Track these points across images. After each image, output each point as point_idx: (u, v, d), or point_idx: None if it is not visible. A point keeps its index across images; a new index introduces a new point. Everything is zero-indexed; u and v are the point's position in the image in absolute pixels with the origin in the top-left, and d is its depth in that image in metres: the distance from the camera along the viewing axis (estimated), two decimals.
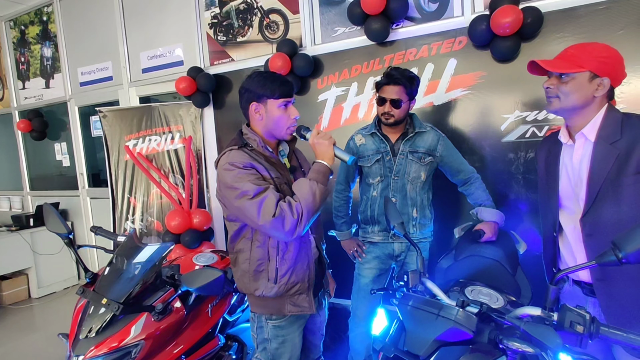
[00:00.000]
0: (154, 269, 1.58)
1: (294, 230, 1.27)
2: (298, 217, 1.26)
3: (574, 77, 1.22)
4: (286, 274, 1.41)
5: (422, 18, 2.38)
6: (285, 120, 1.40)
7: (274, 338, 1.50)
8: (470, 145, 2.31)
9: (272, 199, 1.26)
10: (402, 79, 1.81)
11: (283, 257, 1.40)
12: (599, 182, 1.21)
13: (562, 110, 1.27)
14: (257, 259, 1.41)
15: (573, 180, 1.31)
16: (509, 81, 2.17)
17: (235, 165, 1.31)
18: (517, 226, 2.12)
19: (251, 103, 1.40)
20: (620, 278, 1.21)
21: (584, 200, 1.26)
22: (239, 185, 1.28)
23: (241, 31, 3.03)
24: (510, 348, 0.94)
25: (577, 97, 1.22)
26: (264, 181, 1.32)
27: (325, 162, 1.35)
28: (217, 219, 3.36)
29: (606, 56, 1.20)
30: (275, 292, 1.42)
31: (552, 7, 2.03)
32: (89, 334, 1.40)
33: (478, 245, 1.72)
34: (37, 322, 3.56)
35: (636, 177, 1.17)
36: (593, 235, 1.25)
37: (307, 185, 1.30)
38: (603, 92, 1.22)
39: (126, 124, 3.39)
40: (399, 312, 1.13)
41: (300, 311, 1.47)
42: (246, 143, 1.41)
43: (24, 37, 4.35)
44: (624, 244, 0.85)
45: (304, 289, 1.46)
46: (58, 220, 1.65)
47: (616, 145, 1.19)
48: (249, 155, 1.35)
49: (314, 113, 2.75)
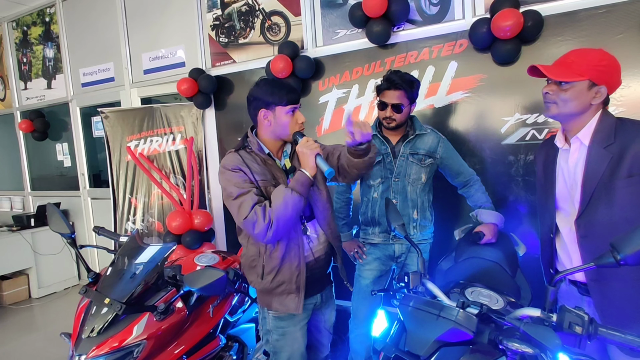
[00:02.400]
0: (157, 269, 1.59)
1: (264, 234, 1.35)
2: (269, 223, 1.34)
3: (574, 85, 1.24)
4: (271, 272, 1.48)
5: (423, 21, 2.40)
6: (292, 125, 1.46)
7: (275, 329, 1.57)
8: (470, 147, 2.32)
9: (249, 203, 1.36)
10: (402, 83, 1.82)
11: (270, 256, 1.47)
12: (592, 185, 1.24)
13: (559, 115, 1.30)
14: (251, 254, 1.53)
15: (569, 183, 1.33)
16: (509, 84, 2.19)
17: (225, 167, 1.44)
18: (516, 228, 2.13)
19: (260, 110, 1.46)
20: (614, 278, 1.23)
21: (579, 202, 1.28)
22: (226, 186, 1.41)
23: (243, 33, 3.04)
24: (510, 349, 0.95)
25: (576, 105, 1.25)
26: (249, 184, 1.40)
27: (307, 171, 1.39)
28: (218, 220, 3.37)
29: (605, 64, 1.22)
30: (262, 287, 1.51)
31: (552, 10, 2.04)
32: (91, 334, 1.41)
33: (478, 247, 1.73)
34: (38, 322, 3.57)
35: (628, 180, 1.19)
36: (587, 236, 1.28)
37: (282, 195, 1.36)
38: (600, 100, 1.24)
39: (128, 125, 3.40)
40: (400, 313, 1.13)
41: (285, 310, 1.52)
42: (247, 145, 1.51)
43: (26, 38, 4.36)
44: (622, 246, 0.86)
45: (292, 290, 1.50)
46: (61, 221, 1.65)
47: (610, 149, 1.22)
48: (241, 159, 1.44)
49: (315, 115, 2.77)
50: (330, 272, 1.69)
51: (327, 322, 1.73)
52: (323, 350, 1.77)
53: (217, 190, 3.36)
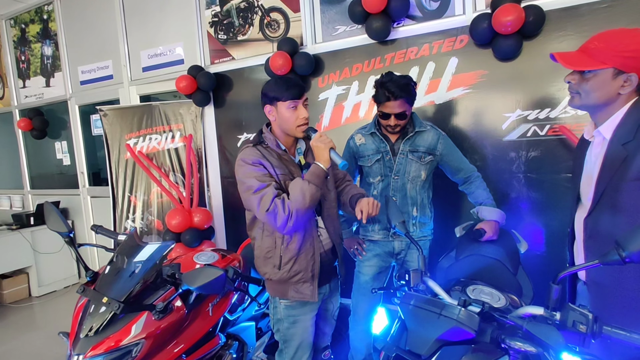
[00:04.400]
0: (155, 267, 1.57)
1: (284, 225, 1.41)
2: (288, 214, 1.40)
3: (597, 74, 1.13)
4: (289, 262, 1.54)
5: (424, 16, 2.38)
6: (294, 120, 1.49)
7: (286, 318, 1.63)
8: (471, 144, 2.30)
9: (270, 195, 1.41)
10: (401, 92, 1.77)
11: (287, 247, 1.53)
12: (604, 184, 1.16)
13: (583, 106, 1.21)
14: (266, 246, 1.57)
15: (588, 179, 1.25)
16: (510, 80, 2.17)
17: (245, 161, 1.48)
18: (518, 225, 2.12)
19: (265, 106, 1.54)
20: (613, 284, 1.17)
21: (591, 200, 1.20)
22: (246, 180, 1.46)
23: (242, 30, 3.02)
24: (512, 347, 0.94)
25: (599, 95, 1.15)
26: (268, 178, 1.46)
27: (322, 164, 1.44)
28: (217, 218, 3.36)
29: (634, 50, 1.09)
30: (279, 277, 1.56)
31: (553, 5, 2.02)
32: (89, 333, 1.39)
33: (479, 244, 1.72)
34: (38, 320, 3.57)
35: (635, 184, 1.09)
36: (592, 237, 1.22)
37: (299, 186, 1.41)
38: (630, 89, 1.12)
39: (127, 123, 3.38)
40: (401, 311, 1.12)
41: (302, 297, 1.58)
42: (262, 141, 1.56)
43: (24, 36, 4.34)
44: (627, 243, 0.83)
45: (307, 278, 1.56)
46: (59, 219, 1.64)
47: (627, 147, 1.11)
48: (260, 153, 1.50)
49: (314, 112, 2.75)
50: (336, 265, 1.73)
51: (332, 311, 1.80)
52: (325, 339, 1.83)
53: (217, 188, 3.34)
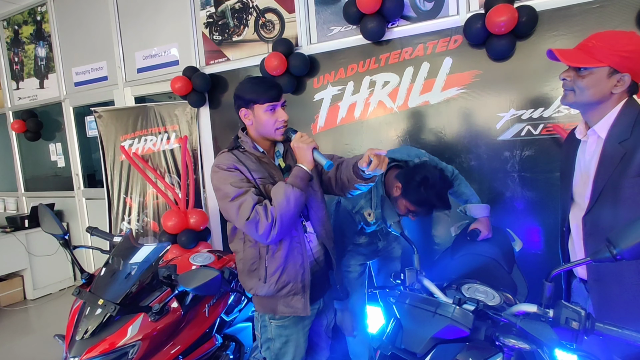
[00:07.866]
0: (151, 269, 1.57)
1: (267, 234, 1.30)
2: (272, 221, 1.29)
3: (592, 72, 1.15)
4: (275, 272, 1.42)
5: (418, 17, 2.39)
6: (272, 123, 1.41)
7: (277, 337, 1.51)
8: (465, 143, 2.32)
9: (249, 202, 1.30)
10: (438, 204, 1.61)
11: (273, 256, 1.42)
12: (602, 182, 1.17)
13: (576, 104, 1.22)
14: (250, 258, 1.45)
15: (584, 178, 1.26)
16: (504, 80, 2.18)
17: (219, 167, 1.38)
18: (513, 224, 2.13)
19: (240, 109, 1.44)
20: (615, 281, 1.19)
21: (588, 199, 1.21)
22: (221, 187, 1.36)
23: (237, 30, 3.02)
24: (506, 345, 0.95)
25: (594, 93, 1.16)
26: (246, 183, 1.35)
27: (305, 166, 1.36)
28: (213, 219, 3.35)
29: (630, 50, 1.11)
30: (265, 291, 1.43)
31: (546, 5, 2.04)
32: (85, 335, 1.39)
33: (474, 243, 1.73)
34: (33, 323, 3.54)
35: (636, 180, 1.11)
36: (592, 235, 1.22)
37: (283, 190, 1.31)
38: (622, 89, 1.15)
39: (121, 124, 3.37)
40: (396, 310, 1.13)
41: (293, 312, 1.46)
42: (239, 145, 1.46)
43: (17, 37, 4.31)
44: (618, 241, 0.83)
45: (298, 290, 1.44)
46: (53, 221, 1.63)
47: (624, 145, 1.13)
48: (236, 158, 1.39)
49: (310, 112, 2.75)
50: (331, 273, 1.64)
51: (327, 326, 1.69)
52: (323, 353, 1.74)
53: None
